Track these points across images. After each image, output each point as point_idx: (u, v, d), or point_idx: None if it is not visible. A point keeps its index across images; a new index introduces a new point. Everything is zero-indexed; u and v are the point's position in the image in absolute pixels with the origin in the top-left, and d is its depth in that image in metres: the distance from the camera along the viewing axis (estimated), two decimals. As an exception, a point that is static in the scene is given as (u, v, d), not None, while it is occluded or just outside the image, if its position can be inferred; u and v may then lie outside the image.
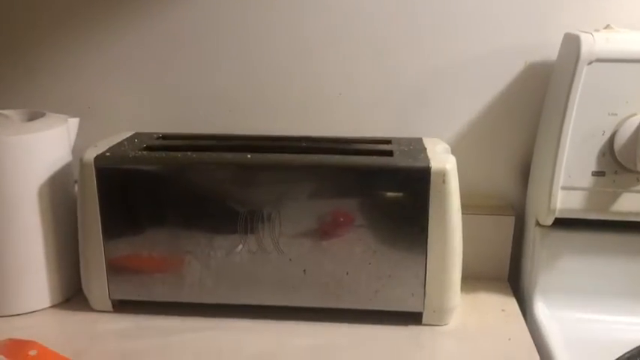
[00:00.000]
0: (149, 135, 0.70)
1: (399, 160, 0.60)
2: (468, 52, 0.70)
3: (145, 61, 0.75)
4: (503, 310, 0.67)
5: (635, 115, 0.60)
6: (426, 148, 0.63)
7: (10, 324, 0.64)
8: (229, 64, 0.74)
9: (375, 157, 0.61)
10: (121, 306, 0.66)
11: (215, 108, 0.75)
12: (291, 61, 0.73)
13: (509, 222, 0.71)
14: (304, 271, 0.62)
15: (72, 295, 0.68)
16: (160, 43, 0.74)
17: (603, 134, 0.61)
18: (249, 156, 0.61)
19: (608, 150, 0.61)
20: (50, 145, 0.65)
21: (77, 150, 0.66)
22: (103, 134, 0.69)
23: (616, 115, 0.60)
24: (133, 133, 0.71)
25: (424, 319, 0.63)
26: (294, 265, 0.62)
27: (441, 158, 0.60)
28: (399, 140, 0.67)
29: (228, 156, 0.62)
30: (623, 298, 0.66)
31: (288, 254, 0.61)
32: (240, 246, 0.62)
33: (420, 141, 0.67)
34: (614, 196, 0.62)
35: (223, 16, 0.72)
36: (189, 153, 0.62)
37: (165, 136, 0.70)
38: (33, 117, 0.68)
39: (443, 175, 0.58)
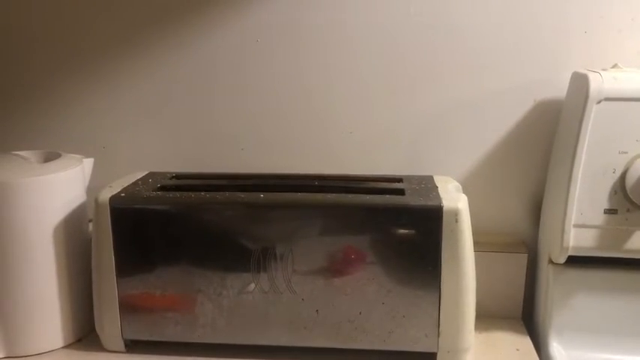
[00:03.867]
0: (163, 175, 0.71)
1: (411, 200, 0.60)
2: (478, 90, 0.71)
3: (159, 102, 0.76)
4: (517, 350, 0.66)
5: (645, 153, 0.60)
6: (437, 187, 0.64)
7: (22, 365, 0.64)
8: (241, 103, 0.75)
9: (387, 196, 0.61)
10: (134, 346, 0.66)
11: (227, 147, 0.76)
12: (303, 99, 0.74)
13: (522, 259, 0.71)
14: (317, 311, 0.62)
15: (84, 335, 0.68)
16: (173, 84, 0.75)
17: (614, 172, 0.61)
18: (261, 195, 0.61)
19: (620, 188, 0.61)
20: (66, 186, 0.65)
21: (91, 190, 0.67)
22: (117, 173, 0.70)
23: (626, 153, 0.61)
24: (147, 172, 0.72)
25: (438, 360, 0.62)
26: (307, 305, 0.61)
27: (453, 197, 0.60)
28: (410, 178, 0.68)
29: (241, 195, 0.62)
30: (638, 338, 0.65)
31: (301, 294, 0.61)
32: (253, 285, 0.62)
33: (430, 179, 0.67)
34: (627, 234, 0.62)
35: (236, 58, 0.74)
36: (202, 193, 0.63)
37: (178, 176, 0.71)
38: (49, 158, 0.69)
39: (455, 214, 0.58)
